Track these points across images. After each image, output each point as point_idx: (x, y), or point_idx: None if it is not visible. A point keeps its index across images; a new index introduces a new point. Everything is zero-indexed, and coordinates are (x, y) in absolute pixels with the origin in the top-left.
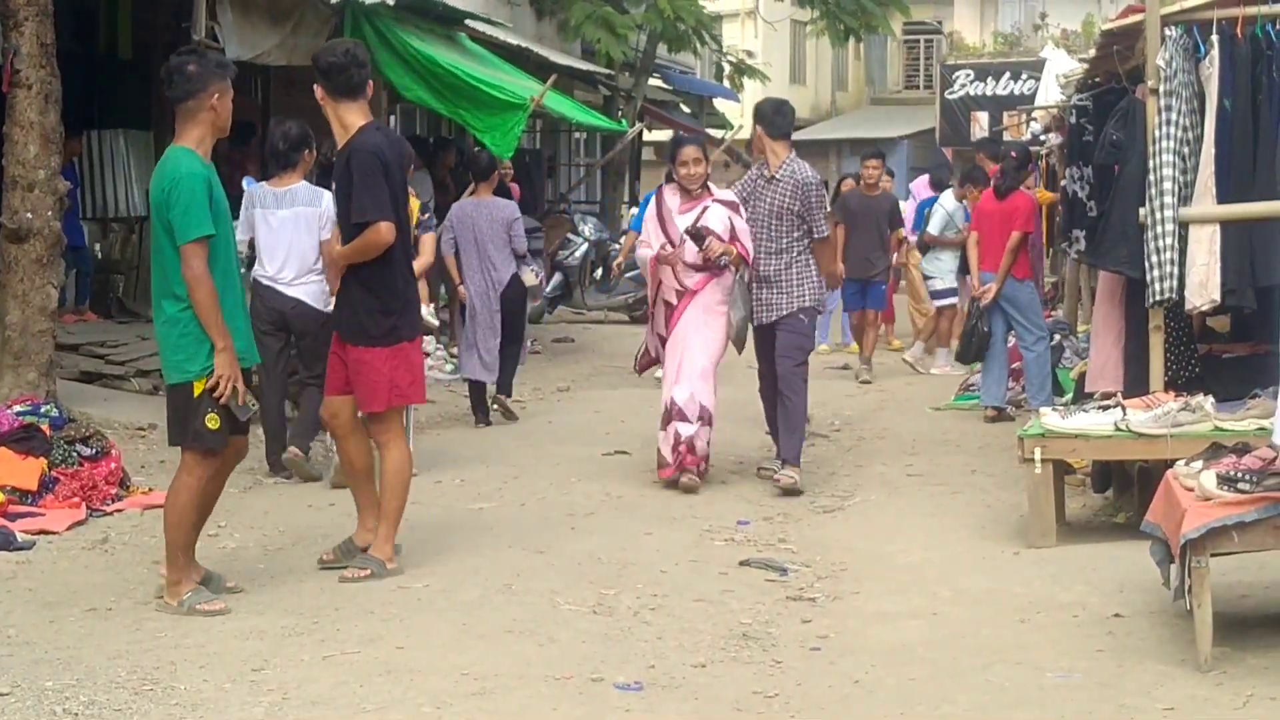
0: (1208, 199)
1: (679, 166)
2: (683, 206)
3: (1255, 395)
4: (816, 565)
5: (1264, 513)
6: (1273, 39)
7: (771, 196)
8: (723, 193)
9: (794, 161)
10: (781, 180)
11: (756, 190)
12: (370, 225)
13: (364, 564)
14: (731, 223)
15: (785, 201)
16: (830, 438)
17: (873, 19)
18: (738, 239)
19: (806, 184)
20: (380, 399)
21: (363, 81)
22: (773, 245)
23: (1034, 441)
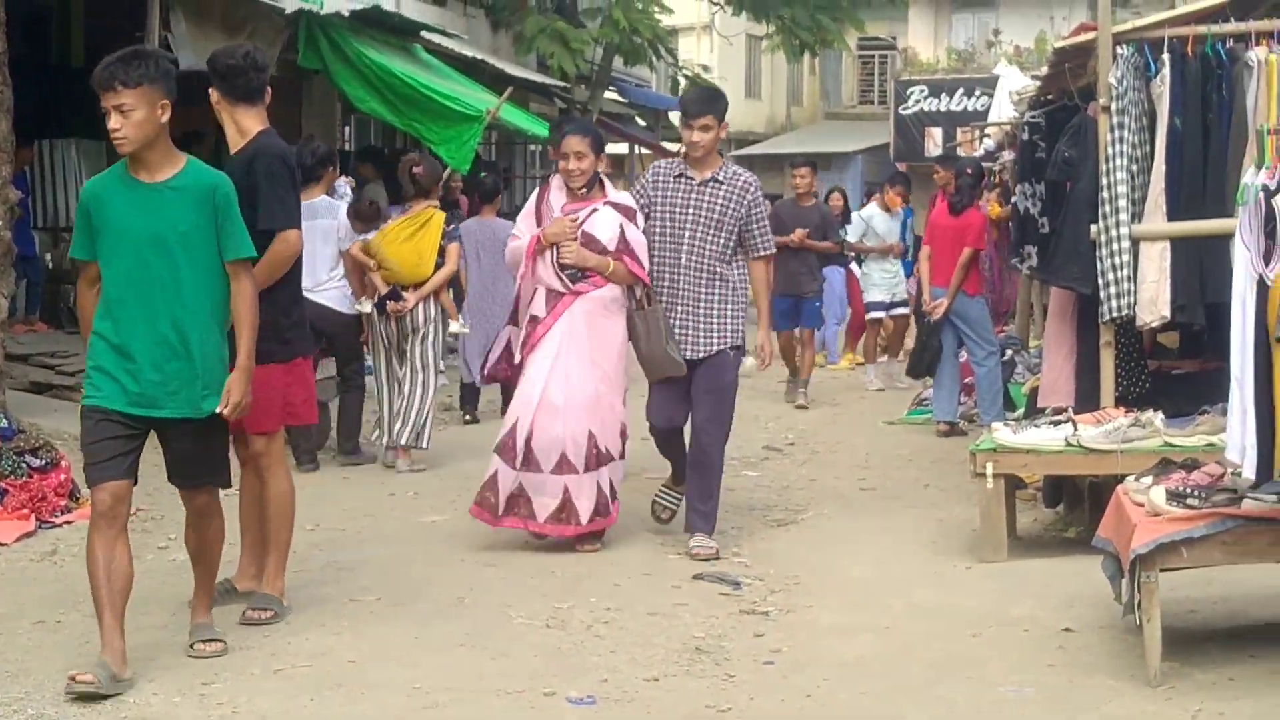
0: (1158, 216)
1: (561, 159)
2: (568, 206)
3: (1204, 411)
4: (770, 579)
5: (1212, 528)
6: (1222, 58)
7: (707, 204)
8: (619, 195)
9: (728, 163)
10: (724, 183)
11: (680, 197)
12: (279, 234)
13: (264, 604)
14: (623, 232)
15: (725, 210)
16: (784, 451)
17: (828, 34)
18: (629, 252)
19: (750, 188)
20: (274, 418)
21: (261, 86)
22: (701, 265)
23: (986, 456)
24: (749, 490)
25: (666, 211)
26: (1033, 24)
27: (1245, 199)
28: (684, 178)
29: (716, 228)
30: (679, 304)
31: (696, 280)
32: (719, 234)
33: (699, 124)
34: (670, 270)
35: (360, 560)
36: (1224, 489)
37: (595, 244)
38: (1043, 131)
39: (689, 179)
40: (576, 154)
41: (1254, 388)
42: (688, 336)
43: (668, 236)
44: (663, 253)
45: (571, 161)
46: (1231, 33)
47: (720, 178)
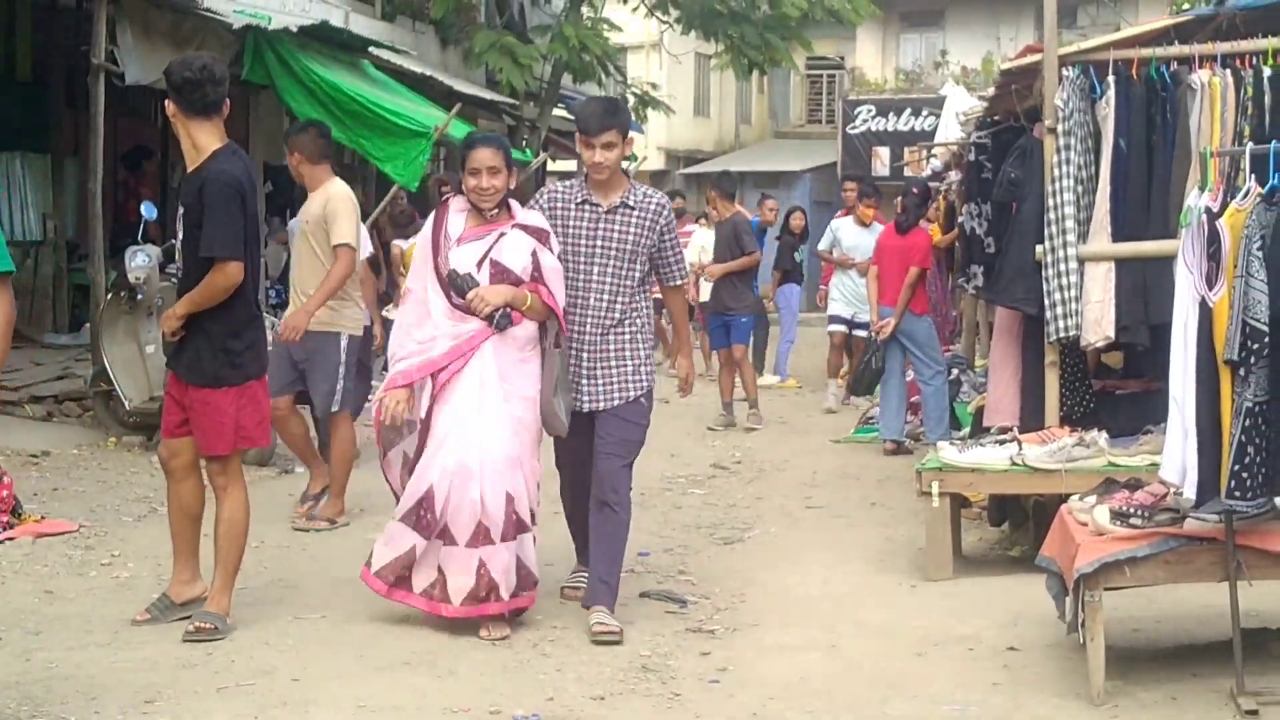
0: (1103, 237)
1: (469, 175)
2: (469, 231)
3: (1148, 431)
4: (716, 597)
5: (1155, 548)
6: (1167, 80)
7: (618, 234)
8: (529, 215)
9: (637, 185)
10: (635, 209)
11: (584, 228)
12: (218, 264)
13: (205, 619)
14: (536, 259)
15: (639, 240)
16: (731, 470)
17: (776, 53)
18: (544, 282)
19: (663, 211)
20: (226, 441)
21: (219, 100)
22: (613, 303)
23: (931, 475)
24: (696, 508)
25: (569, 245)
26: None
27: (1188, 221)
28: (588, 204)
29: (629, 259)
30: (585, 349)
31: (606, 320)
32: (632, 266)
33: (602, 141)
34: (576, 311)
35: (305, 577)
36: (1167, 509)
37: (507, 275)
38: (989, 152)
39: (594, 206)
40: (490, 169)
41: (1195, 409)
42: (596, 385)
43: (571, 274)
44: (566, 292)
45: (484, 178)
46: (1176, 56)
47: (630, 202)
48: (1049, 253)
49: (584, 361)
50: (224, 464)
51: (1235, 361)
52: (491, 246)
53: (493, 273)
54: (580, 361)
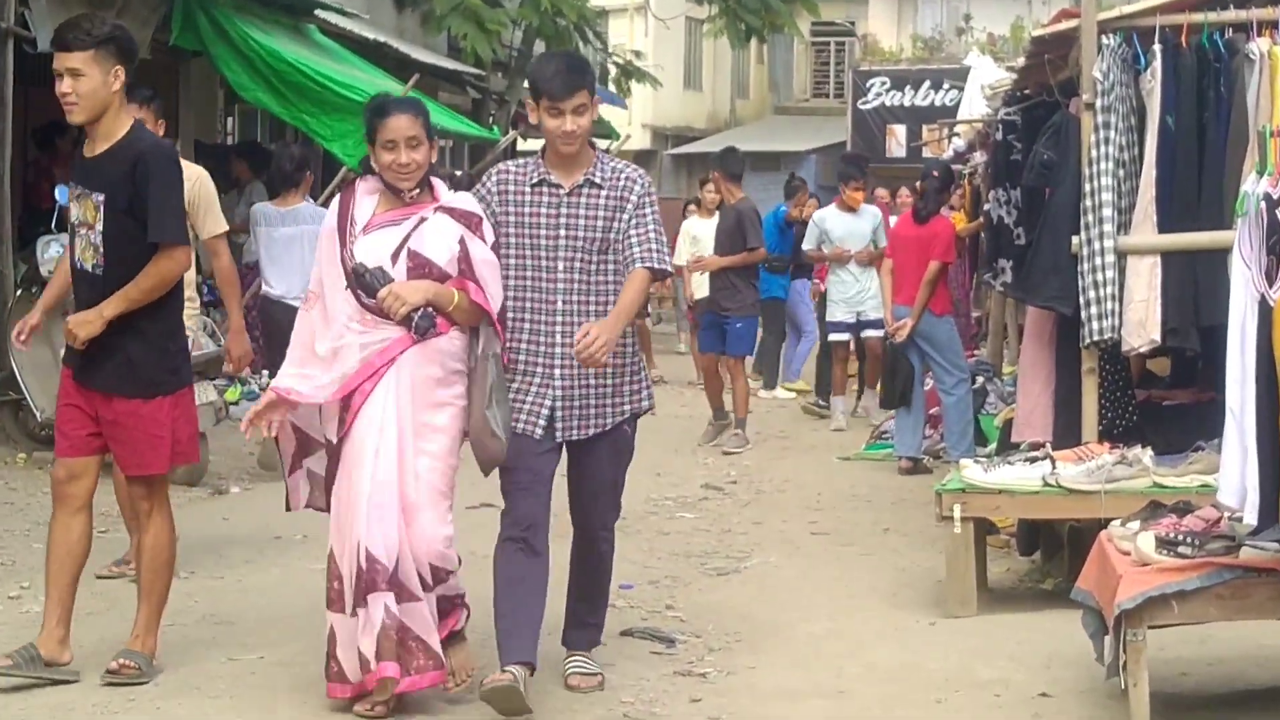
0: (1148, 227)
1: (382, 150)
2: (381, 216)
3: (1198, 448)
4: (708, 635)
5: (1207, 580)
6: (1220, 50)
7: (585, 219)
8: (456, 198)
9: (605, 157)
10: (604, 186)
11: (544, 214)
12: (167, 249)
13: (130, 658)
14: (465, 249)
15: (610, 224)
16: (725, 490)
17: (777, 17)
18: (474, 277)
19: (636, 185)
20: (162, 458)
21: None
22: (586, 306)
23: (953, 497)
24: (685, 535)
25: (527, 236)
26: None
27: (1245, 209)
28: (546, 185)
29: (601, 250)
30: (557, 367)
31: (577, 325)
32: (604, 259)
33: (572, 106)
34: (540, 318)
35: (241, 613)
36: (1220, 536)
37: (429, 268)
38: (1019, 131)
39: (554, 187)
40: (409, 141)
41: (1255, 422)
42: (573, 410)
43: (532, 271)
44: (526, 297)
45: (402, 152)
46: (1231, 21)
47: (598, 179)
48: (1086, 245)
49: (556, 384)
50: (150, 485)
51: None
52: (409, 235)
53: (411, 266)
54: (551, 381)
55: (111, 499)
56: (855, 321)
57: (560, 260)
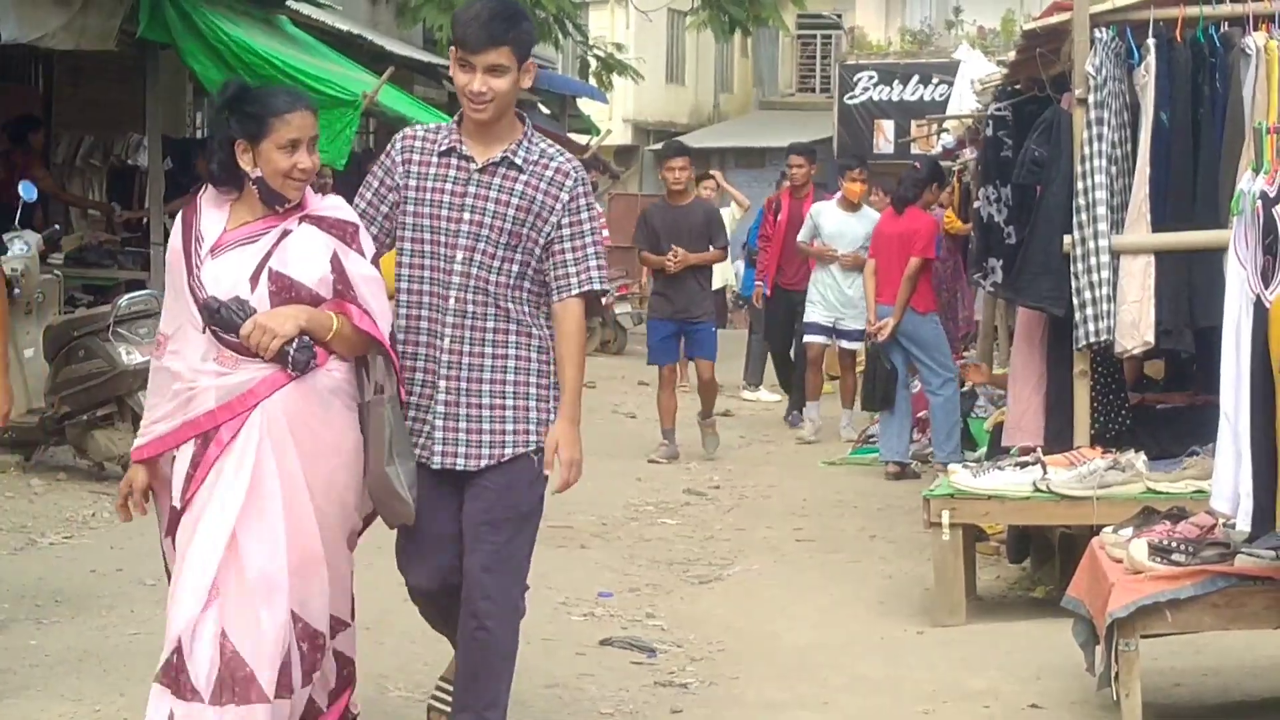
0: (1141, 226)
1: (277, 152)
2: (235, 232)
3: (1193, 453)
4: (690, 645)
5: (1201, 588)
6: (1216, 44)
7: (495, 203)
8: (325, 204)
9: (536, 138)
10: (525, 170)
11: (449, 190)
12: None
13: None
14: (339, 266)
15: (525, 216)
16: (708, 496)
17: (762, 10)
18: (353, 297)
19: (567, 180)
20: None
21: None
22: (482, 304)
23: (941, 503)
24: (667, 541)
25: (426, 214)
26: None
27: (1240, 208)
28: (456, 156)
29: (509, 245)
30: (442, 375)
31: (475, 331)
32: (513, 253)
33: (485, 62)
34: (429, 313)
35: None
36: (1215, 543)
37: (295, 291)
38: (1009, 127)
39: (464, 160)
40: (312, 142)
41: (1250, 426)
42: (457, 431)
43: (430, 259)
44: (423, 289)
45: (304, 154)
46: (1227, 15)
47: (519, 159)
48: (1078, 244)
49: (439, 394)
50: None
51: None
52: (269, 252)
53: (273, 290)
54: (435, 395)
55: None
56: (833, 325)
57: (459, 249)
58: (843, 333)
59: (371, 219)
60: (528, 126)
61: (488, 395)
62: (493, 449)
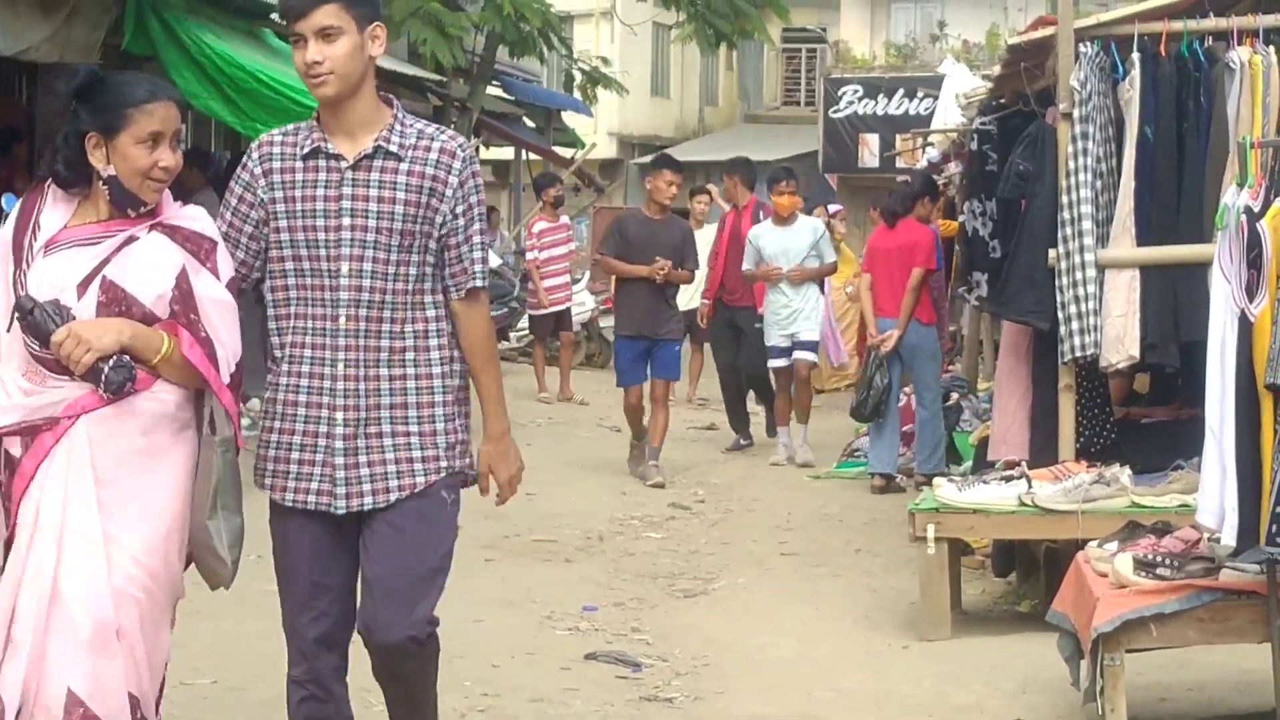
0: (1126, 240)
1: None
2: (75, 230)
3: (1178, 467)
4: (675, 660)
5: (1186, 603)
6: (1200, 59)
7: (376, 200)
8: (184, 213)
9: (409, 119)
10: (403, 157)
11: (321, 194)
12: None
13: None
14: (185, 283)
15: (410, 208)
16: (692, 510)
17: (748, 23)
18: (191, 322)
19: (454, 160)
20: None
21: None
22: (375, 318)
23: (927, 517)
24: (652, 555)
25: (300, 228)
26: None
27: (1225, 222)
28: (322, 157)
29: (402, 246)
30: (339, 406)
31: (369, 351)
32: (407, 255)
33: (315, 26)
34: (316, 339)
35: (189, 636)
36: (1200, 557)
37: (127, 306)
38: (994, 141)
39: (333, 159)
40: (175, 137)
41: (1235, 441)
42: (359, 467)
43: (311, 277)
44: (307, 313)
45: (166, 151)
46: (1211, 30)
47: (394, 145)
48: (1063, 258)
49: (338, 428)
50: None
51: (1279, 386)
52: (108, 258)
53: (103, 301)
54: (333, 430)
55: None
56: (790, 342)
57: (345, 260)
58: (799, 344)
59: (235, 244)
60: (397, 109)
61: (389, 422)
62: (400, 480)
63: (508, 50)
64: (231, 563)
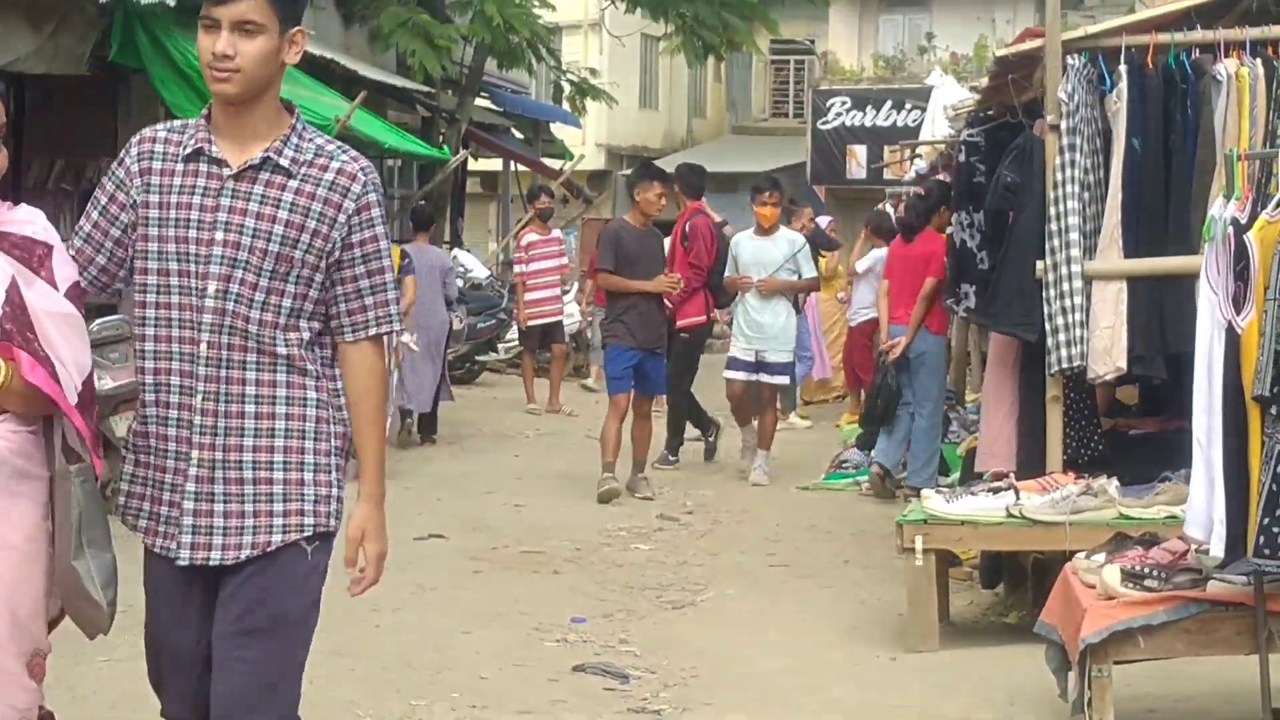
0: (1113, 252)
1: None
2: None
3: (1165, 478)
4: (663, 671)
5: (1174, 614)
6: (1187, 71)
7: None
8: (14, 215)
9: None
10: (295, 174)
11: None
12: None
13: None
14: (18, 297)
15: (291, 232)
16: (681, 521)
17: (736, 35)
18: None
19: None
20: None
21: None
22: (239, 347)
23: (915, 528)
24: (640, 566)
25: (171, 237)
26: (971, 28)
27: (1212, 234)
28: (205, 160)
29: (276, 271)
30: (196, 443)
31: (229, 384)
32: (282, 284)
33: (232, 14)
34: (181, 364)
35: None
36: (1187, 568)
37: None
38: (982, 152)
39: (215, 164)
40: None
41: (1222, 452)
42: (212, 515)
43: (179, 294)
44: (171, 334)
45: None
46: (1198, 42)
47: (285, 160)
48: (1051, 270)
49: (192, 468)
50: None
51: (1266, 398)
52: None
53: None
54: (188, 469)
55: None
56: (755, 359)
57: (212, 280)
58: (765, 366)
59: (98, 247)
60: (298, 119)
61: (250, 467)
62: (256, 535)
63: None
64: (107, 604)
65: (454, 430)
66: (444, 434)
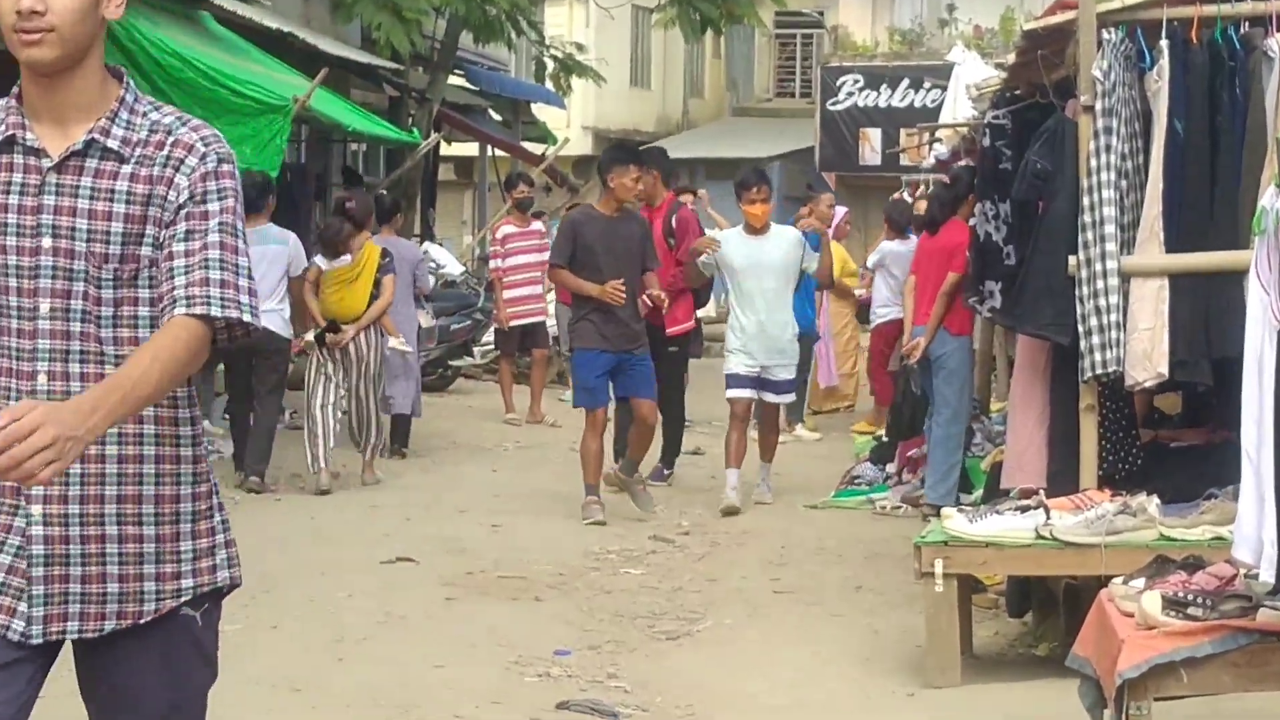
0: (1154, 246)
1: None
2: None
3: (1211, 496)
4: (656, 708)
5: (1219, 646)
6: (1235, 46)
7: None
8: None
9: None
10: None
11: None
12: None
13: None
14: None
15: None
16: (676, 542)
17: (736, 6)
18: None
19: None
20: None
21: None
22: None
23: (934, 551)
24: (631, 593)
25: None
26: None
27: (1263, 226)
28: (19, 150)
29: (123, 277)
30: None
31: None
32: (133, 290)
33: None
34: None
35: None
36: (1235, 595)
37: None
38: (1008, 136)
39: (31, 154)
40: None
41: (1275, 466)
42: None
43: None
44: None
45: None
46: (1248, 14)
47: (113, 141)
48: (1085, 266)
49: (35, 527)
50: None
51: None
52: None
53: None
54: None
55: None
56: (759, 374)
57: (44, 298)
58: (768, 383)
59: None
60: (128, 89)
61: (114, 521)
62: (123, 604)
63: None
64: None
65: (426, 442)
66: (415, 446)
